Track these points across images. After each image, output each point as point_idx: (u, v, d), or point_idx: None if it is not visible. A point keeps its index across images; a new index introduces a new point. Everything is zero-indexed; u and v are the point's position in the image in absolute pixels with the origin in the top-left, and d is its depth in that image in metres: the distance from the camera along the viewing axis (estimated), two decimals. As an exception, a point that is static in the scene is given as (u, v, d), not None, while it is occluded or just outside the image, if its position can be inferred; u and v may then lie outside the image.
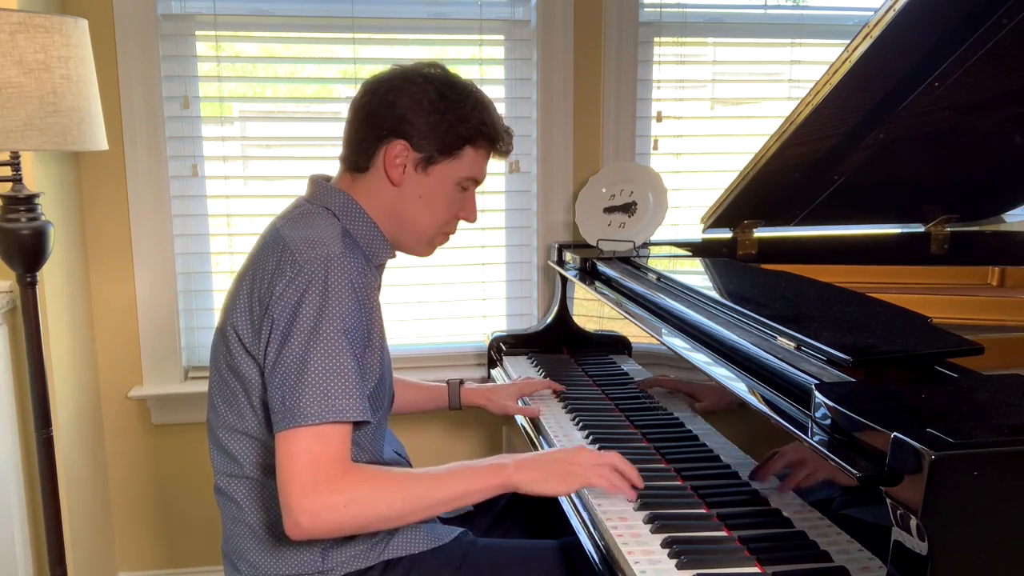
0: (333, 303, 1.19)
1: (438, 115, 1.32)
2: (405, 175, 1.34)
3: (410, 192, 1.35)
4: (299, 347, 1.17)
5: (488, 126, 1.36)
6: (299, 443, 1.15)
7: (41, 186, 1.85)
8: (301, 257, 1.22)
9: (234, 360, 1.27)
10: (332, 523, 1.15)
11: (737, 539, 1.17)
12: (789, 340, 1.22)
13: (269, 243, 1.29)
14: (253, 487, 1.30)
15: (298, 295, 1.19)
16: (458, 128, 1.33)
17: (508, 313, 2.49)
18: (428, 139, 1.32)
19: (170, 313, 2.26)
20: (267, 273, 1.24)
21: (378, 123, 1.32)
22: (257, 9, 2.24)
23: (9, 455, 1.83)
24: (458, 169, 1.36)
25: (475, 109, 1.35)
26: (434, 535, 1.34)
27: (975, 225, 2.30)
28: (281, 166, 2.37)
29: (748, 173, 1.96)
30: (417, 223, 1.38)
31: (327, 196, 1.36)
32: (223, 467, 1.32)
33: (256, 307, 1.24)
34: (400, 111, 1.31)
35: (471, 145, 1.36)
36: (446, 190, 1.37)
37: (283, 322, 1.19)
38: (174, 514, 2.37)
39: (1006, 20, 1.59)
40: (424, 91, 1.32)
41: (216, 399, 1.33)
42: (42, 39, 1.52)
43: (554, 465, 1.28)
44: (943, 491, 0.81)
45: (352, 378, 1.18)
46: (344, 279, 1.21)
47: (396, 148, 1.32)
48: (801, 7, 2.54)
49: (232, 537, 1.33)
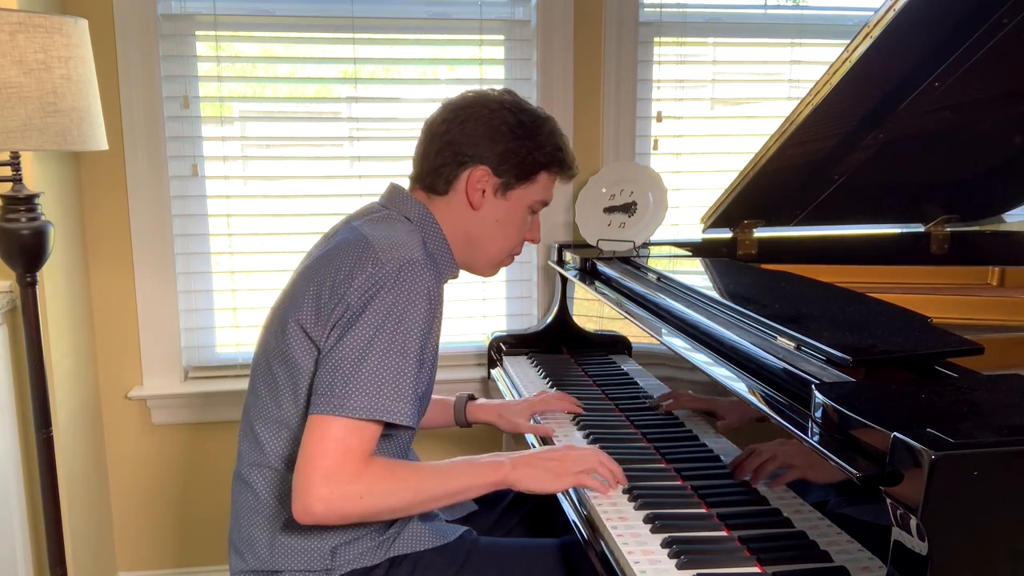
0: (407, 306, 1.21)
1: (517, 142, 1.37)
2: (484, 199, 1.38)
3: (488, 216, 1.39)
4: (363, 338, 1.19)
5: (563, 152, 1.42)
6: (334, 430, 1.16)
7: (41, 186, 1.85)
8: (384, 255, 1.24)
9: (289, 348, 1.27)
10: (342, 512, 1.16)
11: (737, 539, 1.17)
12: (789, 340, 1.22)
13: (349, 240, 1.30)
14: (275, 478, 1.31)
15: (375, 289, 1.21)
16: (535, 154, 1.39)
17: (508, 313, 2.49)
18: (507, 165, 1.37)
19: (170, 313, 2.26)
20: (345, 265, 1.25)
21: (459, 149, 1.36)
22: (257, 9, 2.24)
23: (9, 455, 1.83)
24: (533, 193, 1.42)
25: (551, 136, 1.41)
26: (439, 534, 1.35)
27: (975, 225, 2.30)
28: (281, 166, 2.37)
29: (748, 173, 1.96)
30: (491, 245, 1.43)
31: (406, 205, 1.39)
32: (249, 455, 1.33)
33: (327, 296, 1.25)
34: (480, 138, 1.35)
35: (546, 171, 1.41)
36: (520, 214, 1.42)
37: (354, 310, 1.20)
38: (174, 514, 2.37)
39: (1006, 20, 1.59)
40: (502, 118, 1.36)
41: (259, 387, 1.34)
42: (42, 39, 1.53)
43: (548, 463, 1.31)
44: (943, 491, 0.81)
45: (408, 382, 1.20)
46: (422, 284, 1.23)
47: (478, 173, 1.36)
48: (801, 7, 2.54)
49: (244, 526, 1.33)
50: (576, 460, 1.32)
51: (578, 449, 1.36)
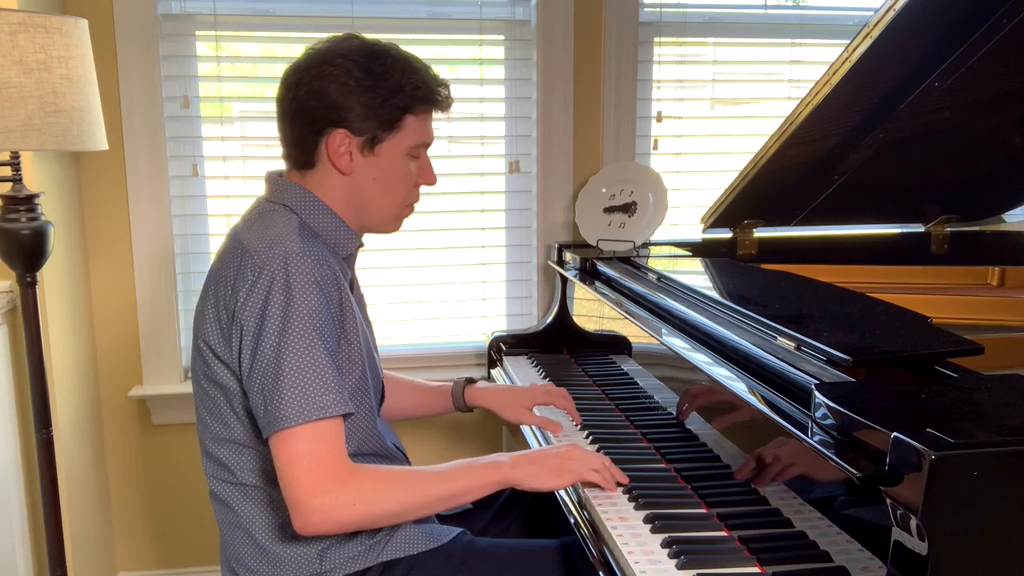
0: (298, 300, 1.18)
1: (369, 93, 1.26)
2: (353, 162, 1.30)
3: (362, 177, 1.32)
4: (271, 350, 1.17)
5: (423, 88, 1.30)
6: (296, 445, 1.15)
7: (41, 186, 1.85)
8: (260, 258, 1.21)
9: (211, 371, 1.27)
10: (342, 520, 1.16)
11: (737, 539, 1.17)
12: (789, 340, 1.22)
13: (229, 248, 1.28)
14: (248, 493, 1.30)
15: (262, 298, 1.18)
16: (392, 100, 1.28)
17: (508, 313, 2.49)
18: (366, 120, 1.28)
19: (170, 313, 2.26)
20: (229, 280, 1.23)
21: (311, 116, 1.28)
22: (257, 9, 2.24)
23: (9, 455, 1.83)
24: (404, 140, 1.32)
25: (404, 75, 1.28)
26: (433, 535, 1.34)
27: (975, 225, 2.30)
28: (281, 166, 2.36)
29: (748, 173, 1.96)
30: (378, 205, 1.35)
31: (284, 192, 1.33)
32: (216, 474, 1.32)
33: (223, 315, 1.24)
34: (330, 99, 1.26)
35: (411, 113, 1.30)
36: (398, 165, 1.33)
37: (252, 327, 1.18)
38: (174, 514, 2.37)
39: (1006, 20, 1.59)
40: (347, 71, 1.26)
41: (201, 411, 1.33)
42: (42, 39, 1.52)
43: (550, 460, 1.30)
44: (943, 491, 0.81)
45: (328, 373, 1.18)
46: (306, 274, 1.20)
47: (337, 138, 1.28)
48: (801, 7, 2.54)
49: (229, 543, 1.33)
50: (580, 459, 1.32)
51: (582, 450, 1.35)
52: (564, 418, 1.66)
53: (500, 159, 2.42)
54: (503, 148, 2.41)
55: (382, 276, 2.38)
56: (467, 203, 2.43)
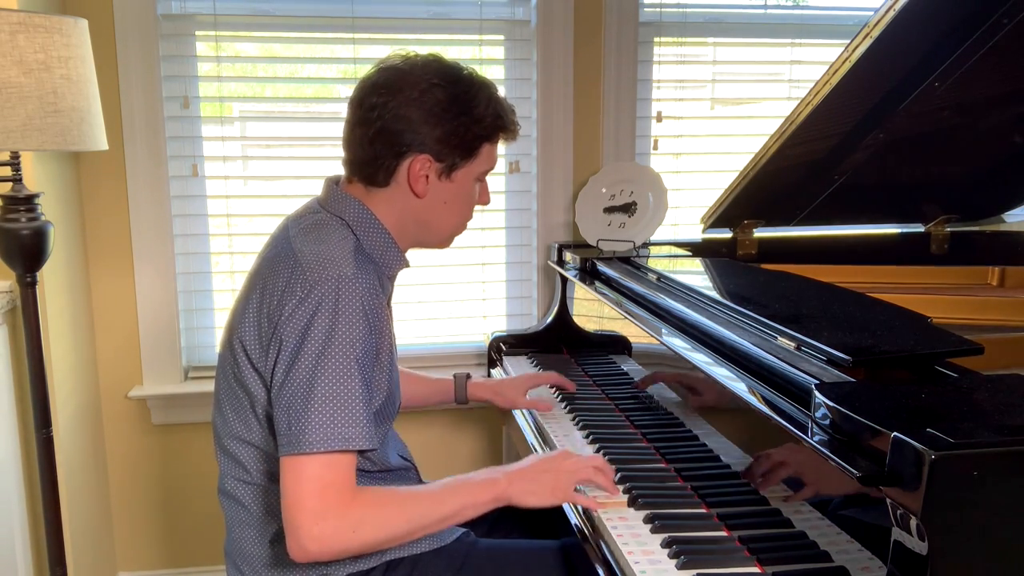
0: (343, 328, 1.17)
1: (454, 121, 1.28)
2: (429, 185, 1.31)
3: (435, 200, 1.33)
4: (306, 371, 1.16)
5: (503, 119, 1.34)
6: (308, 470, 1.14)
7: (41, 186, 1.85)
8: (312, 276, 1.19)
9: (241, 373, 1.26)
10: (339, 548, 1.15)
11: (737, 539, 1.17)
12: (789, 340, 1.22)
13: (281, 255, 1.26)
14: (260, 492, 1.30)
15: (308, 317, 1.17)
16: (475, 129, 1.31)
17: (508, 313, 2.49)
18: (448, 147, 1.29)
19: (170, 313, 2.26)
20: (277, 289, 1.22)
21: (394, 140, 1.27)
22: (257, 9, 2.24)
23: (9, 455, 1.83)
24: (478, 167, 1.35)
25: (488, 105, 1.31)
26: (436, 536, 1.34)
27: (975, 225, 2.30)
28: (281, 166, 2.37)
29: (748, 173, 1.96)
30: (443, 225, 1.38)
31: (342, 205, 1.32)
32: (231, 471, 1.32)
33: (264, 323, 1.23)
34: (416, 125, 1.27)
35: (488, 142, 1.34)
36: (468, 189, 1.36)
37: (292, 344, 1.17)
38: (174, 514, 2.37)
39: (1006, 20, 1.59)
40: (435, 98, 1.27)
41: (224, 406, 1.32)
42: (42, 39, 1.52)
43: (543, 476, 1.29)
44: (943, 491, 0.81)
45: (359, 406, 1.17)
46: (355, 303, 1.19)
47: (419, 163, 1.29)
48: (801, 7, 2.54)
49: (236, 539, 1.33)
50: (572, 472, 1.30)
51: (573, 457, 1.34)
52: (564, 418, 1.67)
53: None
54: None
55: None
56: (467, 203, 2.43)
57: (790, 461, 1.13)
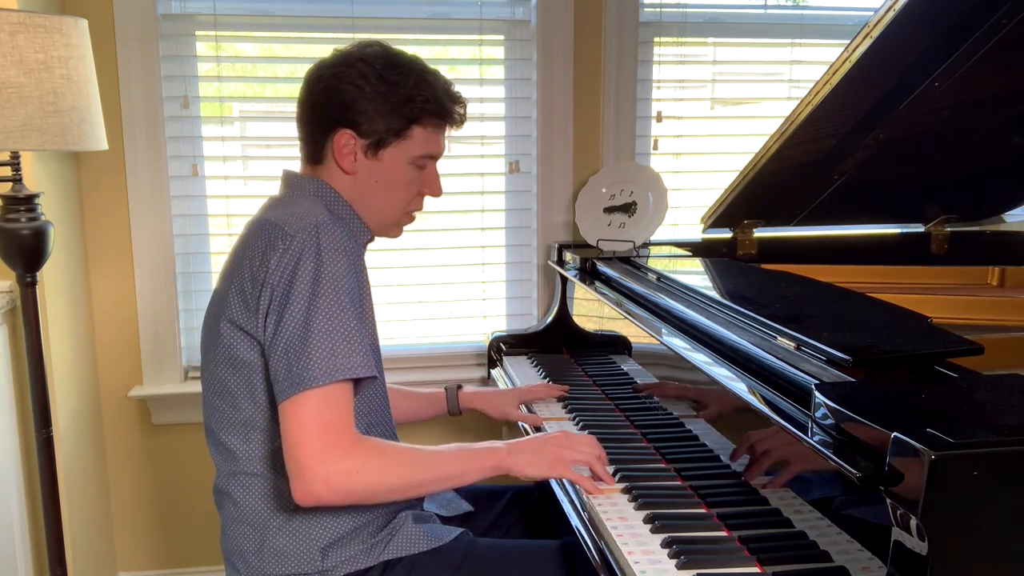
0: (328, 265, 1.20)
1: (380, 99, 1.31)
2: (357, 162, 1.35)
3: (365, 178, 1.36)
4: (300, 312, 1.18)
5: (433, 102, 1.34)
6: (308, 409, 1.15)
7: (41, 186, 1.85)
8: (291, 228, 1.23)
9: (233, 350, 1.26)
10: (344, 489, 1.16)
11: (737, 539, 1.17)
12: (789, 340, 1.22)
13: (254, 229, 1.29)
14: (251, 483, 1.30)
15: (293, 263, 1.20)
16: (402, 109, 1.33)
17: (508, 313, 2.49)
18: (373, 124, 1.32)
19: (170, 313, 2.26)
20: (258, 253, 1.24)
21: (323, 114, 1.33)
22: (257, 9, 2.24)
23: (9, 455, 1.83)
24: (409, 149, 1.36)
25: (418, 86, 1.33)
26: (434, 535, 1.34)
27: (975, 225, 2.30)
28: (281, 166, 2.36)
29: (748, 173, 1.96)
30: (378, 207, 1.39)
31: (300, 183, 1.38)
32: (224, 466, 1.32)
33: (249, 286, 1.24)
34: (343, 99, 1.32)
35: (418, 124, 1.35)
36: (400, 171, 1.37)
37: (281, 290, 1.19)
38: (174, 514, 2.37)
39: (1006, 20, 1.59)
40: (364, 75, 1.31)
41: (211, 398, 1.32)
42: (42, 39, 1.53)
43: (546, 448, 1.32)
44: (943, 491, 0.81)
45: (357, 335, 1.19)
46: (336, 243, 1.22)
47: (343, 138, 1.33)
48: (801, 7, 2.54)
49: (231, 537, 1.33)
50: (572, 449, 1.32)
51: (575, 436, 1.36)
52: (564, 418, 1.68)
53: (500, 159, 2.42)
54: (503, 148, 2.42)
55: (382, 276, 2.38)
56: (467, 203, 2.43)
57: (789, 459, 1.13)
